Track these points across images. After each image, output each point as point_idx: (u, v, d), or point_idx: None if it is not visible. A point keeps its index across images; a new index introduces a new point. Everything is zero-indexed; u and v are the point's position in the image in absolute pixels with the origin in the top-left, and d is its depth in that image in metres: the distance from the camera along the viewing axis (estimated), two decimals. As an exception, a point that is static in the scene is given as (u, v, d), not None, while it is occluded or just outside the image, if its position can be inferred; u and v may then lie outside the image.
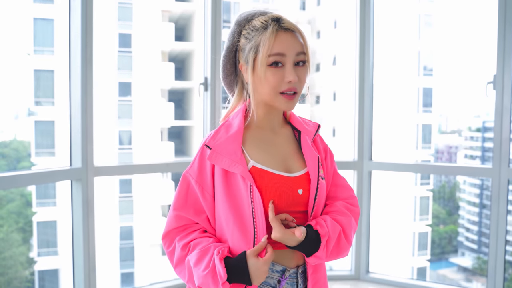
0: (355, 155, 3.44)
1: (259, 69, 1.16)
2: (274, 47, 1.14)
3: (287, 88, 1.16)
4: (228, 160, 1.15)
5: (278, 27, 1.16)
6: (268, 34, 1.15)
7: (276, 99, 1.18)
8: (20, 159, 9.24)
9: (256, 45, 1.17)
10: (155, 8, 9.99)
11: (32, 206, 8.81)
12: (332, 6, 12.33)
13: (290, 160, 1.25)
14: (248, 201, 1.13)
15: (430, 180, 11.62)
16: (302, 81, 1.19)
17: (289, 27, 1.17)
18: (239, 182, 1.15)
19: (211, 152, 1.17)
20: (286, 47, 1.15)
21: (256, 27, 1.19)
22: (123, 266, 9.38)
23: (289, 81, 1.15)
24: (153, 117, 9.77)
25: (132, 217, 9.45)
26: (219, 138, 1.19)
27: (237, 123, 1.21)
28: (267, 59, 1.15)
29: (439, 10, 11.68)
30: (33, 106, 8.55)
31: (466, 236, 12.21)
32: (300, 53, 1.17)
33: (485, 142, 11.59)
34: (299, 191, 1.21)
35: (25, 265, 8.89)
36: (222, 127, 1.23)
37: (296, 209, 1.21)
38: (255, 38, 1.18)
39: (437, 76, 11.54)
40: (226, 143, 1.17)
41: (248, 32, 1.21)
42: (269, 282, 1.19)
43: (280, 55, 1.14)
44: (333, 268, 3.73)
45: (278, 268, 1.20)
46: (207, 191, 1.20)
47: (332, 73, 12.20)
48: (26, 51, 8.65)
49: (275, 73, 1.15)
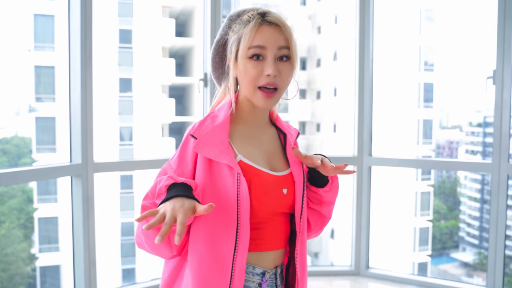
0: (355, 151, 3.44)
1: (240, 61, 1.15)
2: (254, 39, 1.13)
3: (266, 82, 1.13)
4: (215, 150, 1.11)
5: (262, 20, 1.15)
6: (250, 26, 1.14)
7: (254, 94, 1.16)
8: (21, 155, 9.26)
9: (239, 37, 1.16)
10: (156, 4, 9.98)
11: (33, 202, 8.83)
12: (332, 2, 12.30)
13: (275, 159, 1.23)
14: (234, 191, 1.09)
15: (431, 176, 11.63)
16: (284, 76, 1.15)
17: (273, 20, 1.15)
18: (223, 172, 1.11)
19: (196, 142, 1.12)
20: (268, 40, 1.13)
21: (243, 20, 1.18)
22: (124, 262, 9.41)
23: (267, 74, 1.12)
24: (153, 113, 9.77)
25: (133, 213, 9.47)
26: (205, 127, 1.15)
27: (223, 114, 1.18)
28: (247, 51, 1.13)
29: (440, 5, 11.65)
30: (34, 103, 8.56)
31: (467, 231, 12.22)
32: (282, 47, 1.14)
33: (486, 137, 11.59)
34: (284, 190, 1.18)
35: (27, 261, 8.92)
36: (208, 117, 1.19)
37: (280, 210, 1.19)
38: (240, 31, 1.17)
39: (438, 71, 11.52)
40: (213, 133, 1.14)
41: (236, 25, 1.20)
42: (250, 286, 1.16)
43: (260, 47, 1.13)
44: (334, 263, 3.74)
45: (258, 271, 1.17)
46: None
47: (333, 68, 12.18)
48: (27, 48, 8.65)
49: (255, 66, 1.13)
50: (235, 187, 1.09)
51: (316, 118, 12.30)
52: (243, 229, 1.09)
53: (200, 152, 1.12)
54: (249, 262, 1.15)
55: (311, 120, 12.24)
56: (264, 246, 1.17)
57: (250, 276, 1.16)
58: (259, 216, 1.15)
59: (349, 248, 3.54)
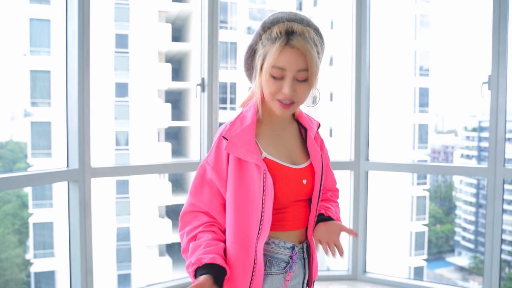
0: (351, 155, 3.45)
1: (263, 75, 1.31)
2: (277, 60, 1.27)
3: (283, 98, 1.30)
4: (244, 150, 1.29)
5: (286, 43, 1.27)
6: (275, 47, 1.27)
7: (272, 103, 1.33)
8: (16, 160, 9.21)
9: (265, 54, 1.31)
10: (152, 8, 9.98)
11: (28, 207, 8.77)
12: (328, 7, 12.34)
13: (295, 153, 1.41)
14: (260, 185, 1.27)
15: (426, 180, 11.65)
16: (299, 94, 1.31)
17: (296, 45, 1.26)
18: (252, 170, 1.29)
19: (228, 143, 1.30)
20: (289, 63, 1.26)
21: (271, 36, 1.30)
22: (120, 268, 9.36)
23: (284, 93, 1.28)
24: (150, 117, 9.76)
25: (129, 218, 9.43)
26: (234, 129, 1.32)
27: (250, 116, 1.35)
28: (270, 69, 1.28)
29: (436, 10, 11.71)
30: (30, 107, 8.52)
31: (463, 236, 12.23)
32: (302, 70, 1.28)
33: (481, 141, 11.63)
34: (304, 181, 1.38)
35: (21, 267, 8.85)
36: (237, 119, 1.36)
37: (300, 197, 1.39)
38: (266, 46, 1.31)
39: (434, 76, 11.56)
40: (241, 135, 1.31)
41: (265, 38, 1.33)
42: (283, 258, 1.36)
43: (281, 69, 1.27)
44: (331, 268, 3.75)
45: (289, 245, 1.37)
46: (222, 177, 1.34)
47: (329, 73, 12.21)
48: (22, 52, 8.62)
49: (275, 83, 1.29)
50: (261, 182, 1.27)
51: (312, 123, 12.30)
52: (266, 216, 1.28)
53: (231, 152, 1.30)
54: (280, 238, 1.36)
55: (307, 125, 12.23)
56: (289, 226, 1.38)
57: (282, 250, 1.37)
58: (282, 203, 1.35)
59: (346, 253, 3.54)
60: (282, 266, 1.36)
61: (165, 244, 10.19)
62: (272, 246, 1.35)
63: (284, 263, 1.36)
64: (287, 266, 1.36)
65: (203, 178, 1.38)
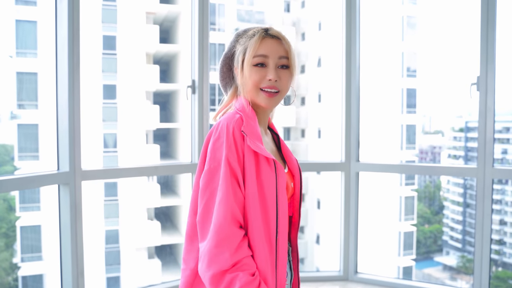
0: (342, 157, 3.46)
1: (245, 68, 1.33)
2: (258, 49, 1.32)
3: (268, 85, 1.32)
4: (259, 145, 1.27)
5: (265, 34, 1.35)
6: (255, 38, 1.33)
7: (257, 94, 1.33)
8: (2, 163, 9.10)
9: (244, 48, 1.35)
10: (140, 10, 9.94)
11: (15, 210, 8.67)
12: (316, 8, 12.39)
13: (278, 158, 1.44)
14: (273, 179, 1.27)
15: (415, 180, 11.74)
16: (284, 81, 1.34)
17: (274, 34, 1.35)
18: (264, 164, 1.27)
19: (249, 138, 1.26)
20: (270, 50, 1.32)
21: (248, 35, 1.37)
22: (109, 270, 9.29)
23: (269, 79, 1.31)
24: (138, 119, 9.71)
25: (118, 220, 9.37)
26: (248, 124, 1.28)
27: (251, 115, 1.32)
28: (252, 60, 1.32)
29: (423, 12, 11.82)
30: (16, 109, 8.43)
31: (451, 235, 12.35)
32: (282, 57, 1.33)
33: (468, 142, 11.76)
34: (291, 184, 1.41)
35: (9, 271, 8.75)
36: (242, 116, 1.29)
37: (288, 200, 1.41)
38: (245, 43, 1.36)
39: (421, 77, 11.67)
40: (255, 129, 1.29)
41: (242, 39, 1.38)
42: None
43: (263, 56, 1.32)
44: (322, 269, 3.76)
45: None
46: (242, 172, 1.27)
47: (317, 74, 12.26)
48: (8, 54, 8.52)
49: (258, 72, 1.32)
50: (274, 175, 1.27)
51: (301, 124, 12.36)
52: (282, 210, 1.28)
53: (253, 147, 1.25)
54: None
55: (295, 126, 12.29)
56: None
57: None
58: None
59: (336, 254, 3.56)
60: None
61: (154, 247, 10.14)
62: None
63: None
64: None
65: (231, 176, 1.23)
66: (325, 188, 11.50)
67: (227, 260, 1.17)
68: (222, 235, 1.18)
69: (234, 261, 1.17)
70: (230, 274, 1.17)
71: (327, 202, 11.44)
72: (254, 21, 11.77)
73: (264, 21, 11.95)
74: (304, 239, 11.79)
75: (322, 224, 11.62)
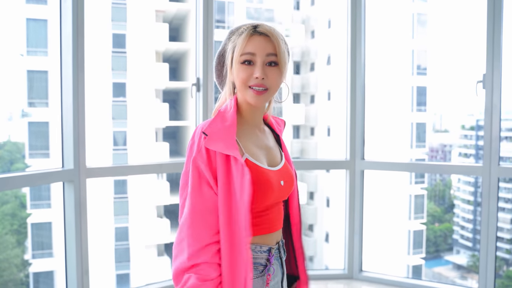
0: (347, 155, 3.45)
1: (234, 66, 1.33)
2: (246, 47, 1.30)
3: (255, 83, 1.30)
4: (223, 144, 1.25)
5: (253, 31, 1.32)
6: (243, 36, 1.32)
7: (245, 92, 1.32)
8: (13, 161, 9.21)
9: (233, 46, 1.34)
10: (149, 8, 9.98)
11: (26, 207, 8.77)
12: (326, 6, 12.34)
13: (272, 155, 1.42)
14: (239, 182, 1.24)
15: (424, 179, 11.67)
16: (271, 79, 1.31)
17: (262, 31, 1.32)
18: (233, 166, 1.25)
19: (207, 138, 1.26)
20: (257, 48, 1.30)
21: (239, 32, 1.35)
22: (118, 267, 9.36)
23: (256, 76, 1.29)
24: (147, 117, 9.76)
25: (127, 218, 9.43)
26: (215, 126, 1.29)
27: (231, 116, 1.32)
28: (239, 57, 1.31)
29: (433, 9, 11.72)
30: (27, 107, 8.51)
31: (461, 234, 12.26)
32: (270, 54, 1.31)
33: (479, 140, 11.65)
34: (281, 182, 1.37)
35: (20, 268, 8.86)
36: (218, 117, 1.32)
37: (280, 199, 1.38)
38: (235, 41, 1.34)
39: (431, 75, 11.58)
40: (222, 131, 1.28)
41: (233, 37, 1.37)
42: (260, 262, 1.34)
43: (250, 54, 1.30)
44: (328, 267, 3.75)
45: (265, 249, 1.35)
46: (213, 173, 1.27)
47: (327, 72, 12.22)
48: (19, 52, 8.61)
49: (245, 70, 1.31)
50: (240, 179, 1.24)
51: (310, 122, 12.32)
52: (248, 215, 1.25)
53: (210, 146, 1.25)
54: (256, 243, 1.34)
55: (305, 124, 12.26)
56: (269, 229, 1.36)
57: (258, 254, 1.34)
58: (264, 206, 1.33)
59: (343, 252, 3.55)
60: (260, 270, 1.34)
61: (164, 244, 10.19)
62: None
63: (262, 267, 1.35)
64: (265, 269, 1.35)
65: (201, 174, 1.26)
66: (334, 186, 11.46)
67: (185, 261, 1.22)
68: (183, 234, 1.24)
69: (192, 263, 1.21)
70: (187, 275, 1.22)
71: (336, 200, 11.41)
72: (264, 19, 11.76)
73: (273, 19, 11.94)
74: (313, 237, 11.78)
75: (331, 222, 11.59)
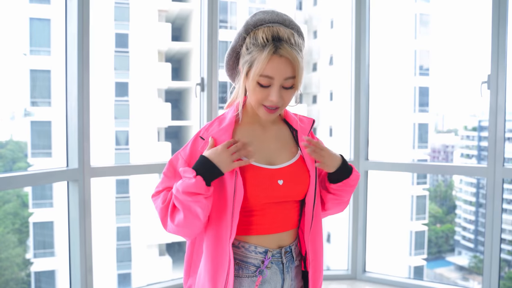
0: (351, 155, 3.44)
1: (249, 82, 1.28)
2: (265, 70, 1.24)
3: (269, 104, 1.28)
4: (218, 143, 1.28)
5: (274, 52, 1.25)
6: (263, 56, 1.24)
7: (258, 109, 1.31)
8: (16, 160, 9.22)
9: (251, 60, 1.27)
10: (152, 8, 9.99)
11: (28, 207, 8.79)
12: (328, 6, 12.34)
13: (275, 154, 1.36)
14: (232, 185, 1.25)
15: (427, 180, 11.66)
16: (286, 100, 1.30)
17: (284, 54, 1.25)
18: None
19: (204, 143, 1.29)
20: (276, 72, 1.25)
21: (257, 41, 1.28)
22: (120, 267, 9.37)
23: (271, 100, 1.26)
24: (150, 117, 9.76)
25: (129, 217, 9.44)
26: (212, 130, 1.32)
27: (229, 117, 1.34)
28: (257, 77, 1.25)
29: (436, 9, 11.71)
30: (29, 107, 8.53)
31: (463, 235, 12.25)
32: (289, 78, 1.26)
33: (481, 141, 11.64)
34: (279, 181, 1.31)
35: (22, 266, 8.87)
36: (216, 120, 1.35)
37: (276, 199, 1.32)
38: (253, 53, 1.27)
39: (434, 75, 11.57)
40: (218, 135, 1.30)
41: (251, 42, 1.30)
42: (253, 262, 1.32)
43: (268, 77, 1.25)
44: (330, 268, 3.75)
45: (261, 250, 1.32)
46: None
47: (329, 72, 12.22)
48: (22, 51, 8.63)
49: (262, 91, 1.27)
50: (233, 181, 1.25)
51: (312, 122, 12.31)
52: (235, 217, 1.26)
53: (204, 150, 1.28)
54: (252, 243, 1.31)
55: (307, 124, 12.24)
56: (267, 230, 1.32)
57: (253, 254, 1.32)
58: (254, 205, 1.30)
59: (345, 252, 3.54)
60: (252, 270, 1.31)
61: (165, 244, 10.20)
62: (242, 250, 1.31)
63: (254, 267, 1.32)
64: (256, 271, 1.32)
65: (175, 169, 1.34)
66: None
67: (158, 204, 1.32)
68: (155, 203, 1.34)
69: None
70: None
71: (338, 200, 11.38)
72: (266, 19, 11.73)
73: (275, 19, 11.90)
74: (314, 238, 11.75)
75: (332, 222, 11.59)
